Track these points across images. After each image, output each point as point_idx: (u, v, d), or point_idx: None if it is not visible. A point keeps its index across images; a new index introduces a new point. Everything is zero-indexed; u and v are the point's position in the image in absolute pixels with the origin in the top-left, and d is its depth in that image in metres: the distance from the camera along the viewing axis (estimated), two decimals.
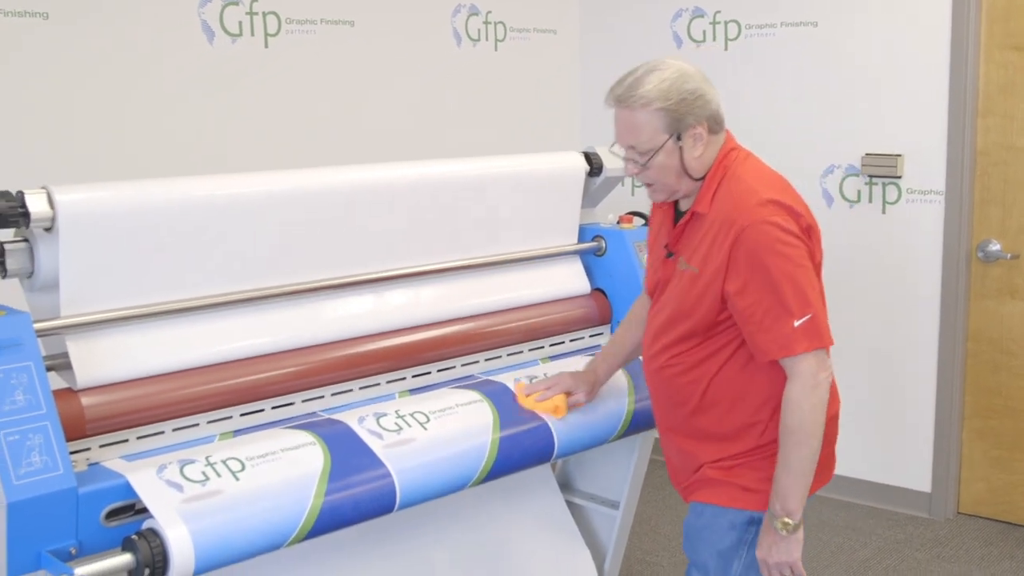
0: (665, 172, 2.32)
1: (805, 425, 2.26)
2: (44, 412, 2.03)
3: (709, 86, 2.33)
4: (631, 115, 2.30)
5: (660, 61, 2.32)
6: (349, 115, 4.29)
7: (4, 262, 2.20)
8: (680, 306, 2.37)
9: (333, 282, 2.65)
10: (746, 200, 2.27)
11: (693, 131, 2.29)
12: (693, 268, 2.33)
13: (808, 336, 2.25)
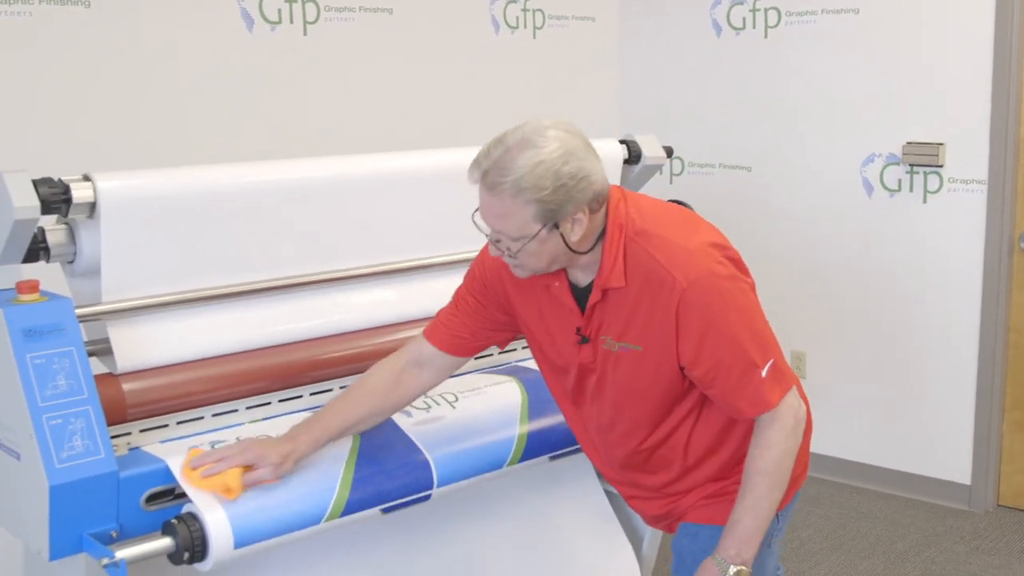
0: (536, 258, 2.03)
1: (782, 467, 2.10)
2: (86, 397, 2.05)
3: (594, 159, 1.99)
4: (497, 202, 1.97)
5: (538, 130, 1.97)
6: (387, 102, 4.29)
7: (47, 248, 2.22)
8: (633, 389, 2.15)
9: (372, 269, 2.65)
10: (672, 258, 2.02)
11: (572, 217, 1.98)
12: (633, 347, 2.09)
13: (776, 382, 2.08)
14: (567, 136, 1.96)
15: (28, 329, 2.03)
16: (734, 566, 2.10)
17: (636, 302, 2.06)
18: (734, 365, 2.05)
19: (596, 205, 2.01)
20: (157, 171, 2.35)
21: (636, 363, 2.11)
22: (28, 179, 2.09)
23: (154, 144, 3.59)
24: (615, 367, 2.14)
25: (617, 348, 2.11)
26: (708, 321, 2.02)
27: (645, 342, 2.08)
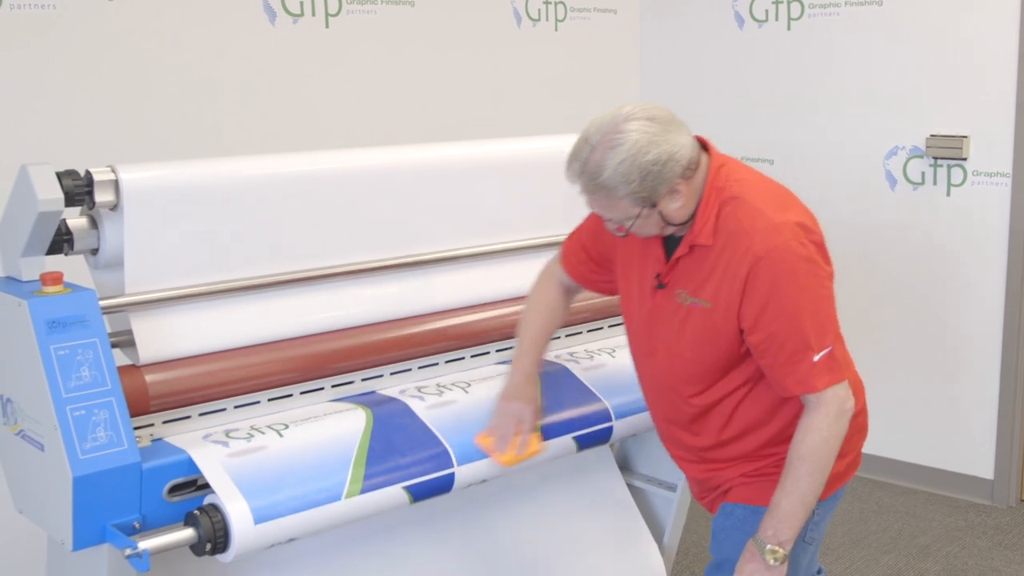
0: (648, 227, 2.17)
1: (820, 453, 2.14)
2: (109, 388, 2.06)
3: (675, 134, 2.10)
4: (595, 198, 2.14)
5: (616, 127, 2.07)
6: (409, 95, 4.29)
7: (70, 240, 2.23)
8: (696, 342, 2.22)
9: (394, 261, 2.65)
10: (756, 225, 2.11)
11: (667, 194, 2.11)
12: (703, 302, 2.18)
13: (828, 370, 2.13)
14: (645, 125, 2.07)
15: (52, 321, 2.04)
16: (770, 545, 2.15)
17: (716, 261, 2.15)
18: (788, 341, 2.11)
19: (689, 173, 2.13)
20: (180, 163, 2.36)
21: (702, 319, 2.19)
22: (52, 171, 2.10)
23: (176, 136, 3.60)
24: (682, 320, 2.23)
25: (689, 302, 2.20)
26: (773, 292, 2.09)
27: (715, 300, 2.16)
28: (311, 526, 2.18)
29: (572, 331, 2.98)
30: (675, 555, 3.36)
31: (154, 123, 3.56)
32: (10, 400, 2.18)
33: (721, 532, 2.36)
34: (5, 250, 2.23)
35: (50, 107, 3.33)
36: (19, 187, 2.12)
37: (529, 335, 2.52)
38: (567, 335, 2.96)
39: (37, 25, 3.28)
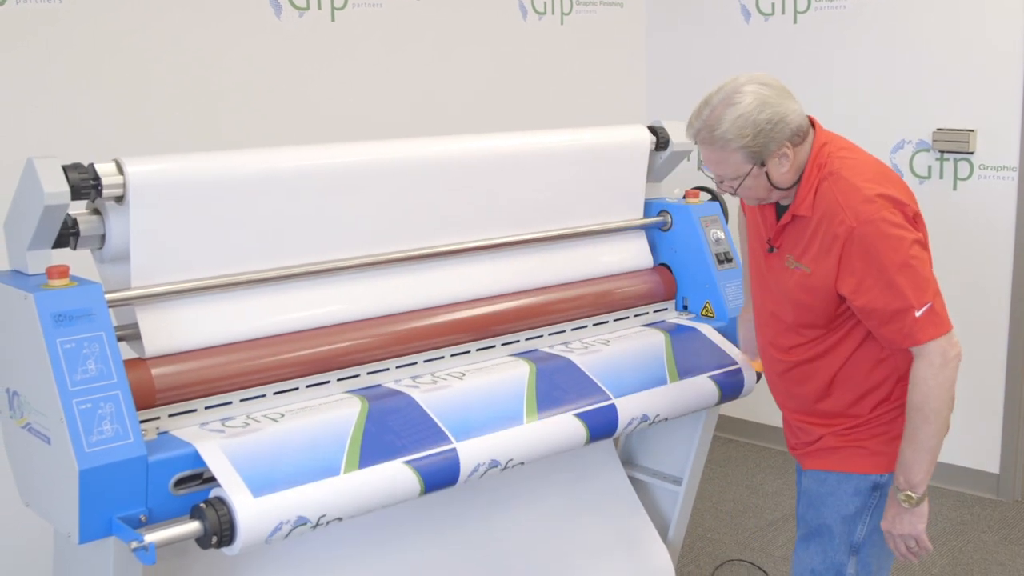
0: (755, 190, 2.36)
1: (931, 401, 2.28)
2: (115, 381, 2.06)
3: (787, 101, 2.32)
4: (712, 153, 2.33)
5: (735, 88, 2.29)
6: (414, 88, 4.29)
7: (76, 233, 2.23)
8: (796, 302, 2.41)
9: (398, 255, 2.66)
10: (851, 199, 2.28)
11: (776, 154, 2.30)
12: (804, 267, 2.37)
13: (932, 323, 2.28)
14: (761, 88, 2.29)
15: (58, 314, 2.05)
16: (901, 492, 2.36)
17: (815, 231, 2.33)
18: (890, 303, 2.27)
19: (798, 139, 2.32)
20: (186, 156, 2.36)
21: (803, 282, 2.38)
22: (58, 165, 2.11)
23: (181, 130, 3.60)
24: (787, 281, 2.42)
25: (794, 266, 2.40)
26: (869, 260, 2.27)
27: (815, 267, 2.35)
28: (313, 504, 2.17)
29: (578, 325, 2.98)
30: (680, 549, 3.37)
31: (159, 117, 3.56)
32: (16, 393, 2.18)
33: (816, 497, 2.52)
34: (11, 243, 2.24)
35: (55, 102, 3.33)
36: (25, 180, 2.12)
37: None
38: (572, 329, 2.96)
39: (43, 19, 3.28)
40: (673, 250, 3.18)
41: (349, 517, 2.23)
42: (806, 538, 2.55)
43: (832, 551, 2.49)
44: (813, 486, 2.53)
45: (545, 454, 2.56)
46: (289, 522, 2.13)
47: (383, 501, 2.28)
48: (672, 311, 3.19)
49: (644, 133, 3.11)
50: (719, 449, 5.09)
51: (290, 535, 2.14)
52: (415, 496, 2.33)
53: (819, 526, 2.51)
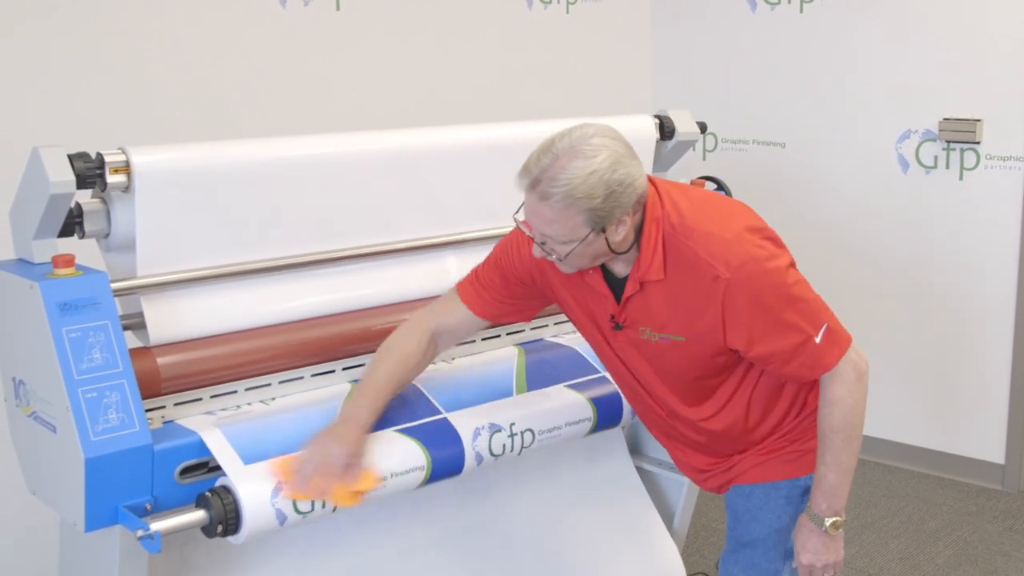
0: (583, 258, 2.09)
1: (853, 421, 2.16)
2: (121, 370, 2.07)
3: (636, 163, 2.03)
4: (545, 208, 2.01)
5: (584, 138, 2.00)
6: (420, 78, 4.28)
7: (82, 223, 2.23)
8: (677, 372, 2.22)
9: (403, 244, 2.66)
10: (713, 247, 2.06)
11: (619, 222, 2.03)
12: (677, 337, 2.14)
13: (834, 343, 2.14)
14: (613, 143, 2.01)
15: (64, 303, 2.05)
16: (828, 518, 2.21)
17: (676, 294, 2.11)
18: (787, 341, 2.10)
19: (638, 207, 2.07)
20: (192, 145, 2.36)
21: (677, 351, 2.17)
22: (64, 153, 2.11)
23: (186, 119, 3.60)
24: (655, 354, 2.21)
25: (657, 339, 2.17)
26: (755, 306, 2.07)
27: (688, 332, 2.13)
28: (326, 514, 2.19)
29: None
30: (685, 538, 3.37)
31: (163, 107, 3.56)
32: (23, 382, 2.19)
33: (746, 513, 2.38)
34: (17, 232, 2.24)
35: (58, 91, 3.32)
36: (31, 169, 2.12)
37: (372, 381, 2.31)
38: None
39: (40, 6, 3.27)
40: None
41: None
42: (735, 550, 2.41)
43: (765, 560, 2.36)
44: (739, 501, 2.38)
45: (548, 424, 2.56)
46: (294, 518, 2.15)
47: (394, 485, 2.29)
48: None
49: (649, 122, 3.10)
50: None
51: (296, 523, 2.15)
52: (423, 472, 2.32)
53: (750, 540, 2.37)
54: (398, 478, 2.28)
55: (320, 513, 2.18)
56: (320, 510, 2.17)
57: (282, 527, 2.13)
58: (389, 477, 2.26)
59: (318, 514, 2.18)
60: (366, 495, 2.20)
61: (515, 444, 2.49)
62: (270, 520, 2.10)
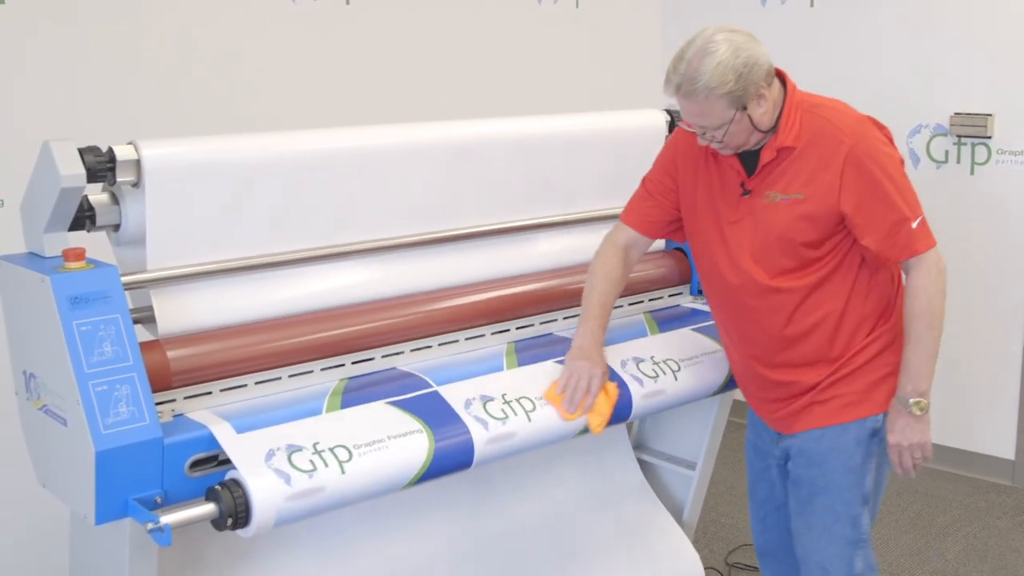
0: (737, 136, 2.39)
1: (934, 307, 2.42)
2: (131, 364, 2.07)
3: (756, 45, 2.37)
4: (694, 105, 2.36)
5: (707, 39, 2.34)
6: (429, 73, 4.28)
7: (92, 216, 2.23)
8: (781, 234, 2.43)
9: (412, 239, 2.66)
10: (843, 121, 2.40)
11: (755, 96, 2.35)
12: (796, 195, 2.40)
13: (926, 235, 2.42)
14: (731, 35, 2.35)
15: (74, 297, 2.05)
16: (912, 399, 2.44)
17: (804, 159, 2.41)
18: (888, 215, 2.38)
19: (769, 79, 2.38)
20: (202, 139, 2.36)
21: (793, 210, 2.41)
22: (74, 147, 2.11)
23: (196, 113, 3.60)
24: (771, 217, 2.44)
25: (779, 199, 2.43)
26: (867, 176, 2.37)
27: (807, 191, 2.40)
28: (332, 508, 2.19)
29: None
30: (694, 533, 3.37)
31: (172, 100, 3.56)
32: (33, 375, 2.19)
33: (816, 456, 2.53)
34: (28, 226, 2.24)
35: (69, 86, 3.33)
36: (41, 163, 2.12)
37: (592, 304, 2.66)
38: None
39: (55, 4, 3.28)
40: None
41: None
42: (810, 499, 2.55)
43: (843, 504, 2.53)
44: (810, 445, 2.54)
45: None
46: (281, 449, 2.15)
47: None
48: (687, 295, 3.18)
49: (660, 116, 3.10)
50: (732, 434, 5.07)
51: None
52: (423, 435, 2.30)
53: (825, 483, 2.53)
54: (397, 440, 2.27)
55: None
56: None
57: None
58: (386, 439, 2.26)
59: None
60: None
61: (514, 410, 2.46)
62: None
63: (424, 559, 2.75)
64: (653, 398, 2.68)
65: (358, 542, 2.63)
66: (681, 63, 2.35)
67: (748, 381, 2.66)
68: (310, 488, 2.12)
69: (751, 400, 2.69)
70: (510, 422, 2.42)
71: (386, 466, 2.23)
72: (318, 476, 2.13)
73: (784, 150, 2.42)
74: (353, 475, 2.18)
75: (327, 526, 2.61)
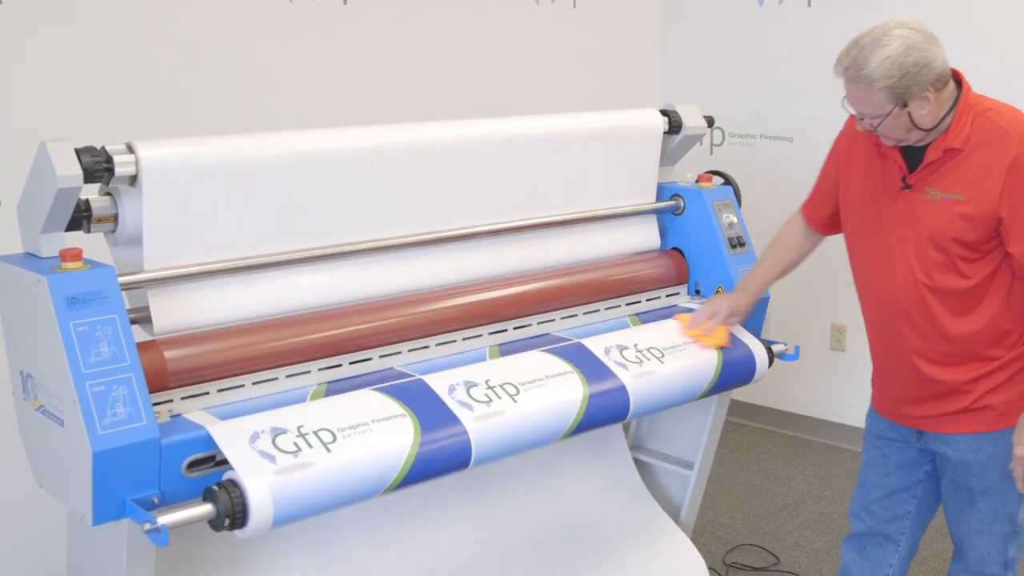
0: (894, 129, 2.46)
1: None
2: (128, 364, 2.07)
3: (934, 47, 2.42)
4: (857, 91, 2.44)
5: (885, 31, 2.40)
6: (427, 73, 4.28)
7: (89, 216, 2.23)
8: (936, 232, 2.49)
9: (408, 239, 2.66)
10: (1014, 128, 2.44)
11: (919, 98, 2.41)
12: (957, 196, 2.46)
13: None
14: (910, 33, 2.40)
15: (71, 297, 2.05)
16: None
17: (969, 161, 2.46)
18: None
19: (939, 84, 2.43)
20: (199, 139, 2.36)
21: (952, 210, 2.47)
22: (71, 148, 2.11)
23: (195, 114, 3.60)
24: (929, 214, 2.50)
25: (939, 198, 2.49)
26: None
27: (968, 192, 2.46)
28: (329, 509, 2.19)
29: (590, 309, 2.98)
30: (692, 533, 3.37)
31: (171, 101, 3.56)
32: (30, 376, 2.19)
33: (977, 467, 2.62)
34: (25, 226, 2.24)
35: (68, 85, 3.33)
36: (38, 163, 2.12)
37: (764, 263, 2.92)
38: (584, 313, 2.96)
39: (56, 3, 3.28)
40: (685, 234, 3.18)
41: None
42: (971, 502, 2.67)
43: (1003, 506, 2.64)
44: (968, 457, 2.62)
45: (527, 376, 2.55)
46: (265, 432, 2.15)
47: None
48: (684, 295, 3.18)
49: (656, 117, 3.10)
50: (730, 434, 5.08)
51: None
52: (407, 419, 2.31)
53: (984, 490, 2.63)
54: (381, 423, 2.27)
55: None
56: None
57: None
58: (370, 423, 2.26)
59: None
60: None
61: (498, 395, 2.47)
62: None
63: (422, 563, 2.75)
64: (643, 379, 2.68)
65: (357, 545, 2.63)
66: (854, 48, 2.44)
67: (895, 377, 2.70)
68: (296, 464, 2.12)
69: (887, 402, 2.76)
70: (495, 405, 2.43)
71: (374, 448, 2.23)
72: (303, 456, 2.14)
73: (951, 151, 2.47)
74: (340, 455, 2.18)
75: (326, 528, 2.61)
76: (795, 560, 3.92)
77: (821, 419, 5.07)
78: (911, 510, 2.82)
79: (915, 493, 2.81)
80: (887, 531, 2.84)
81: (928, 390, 2.63)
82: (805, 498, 4.44)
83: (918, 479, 2.79)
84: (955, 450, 2.64)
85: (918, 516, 2.84)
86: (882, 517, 2.84)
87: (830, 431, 5.04)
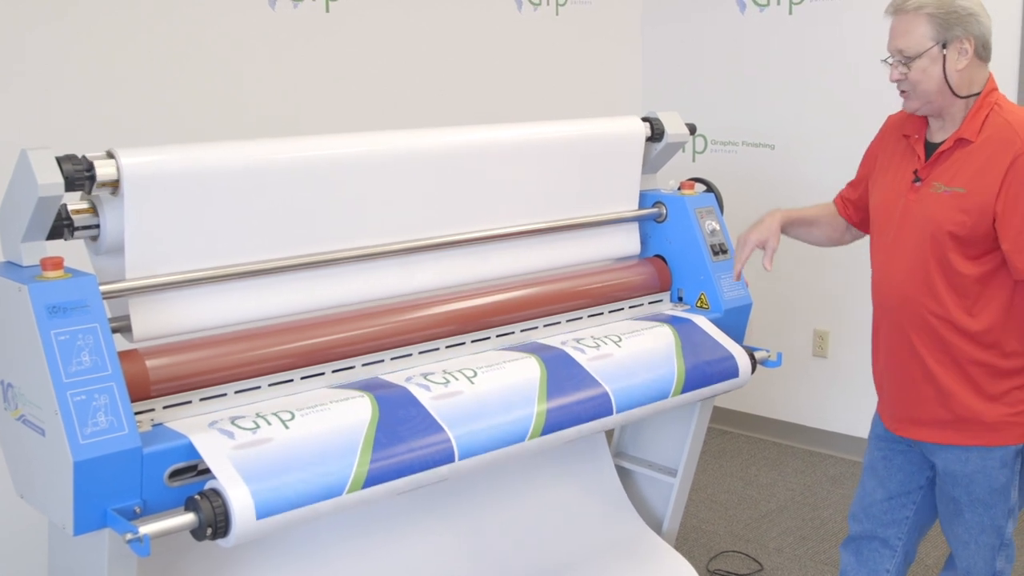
0: (927, 78, 2.49)
1: None
2: (110, 373, 2.06)
3: (984, 13, 2.48)
4: (903, 19, 2.49)
5: None
6: (409, 80, 4.28)
7: (70, 225, 2.22)
8: (938, 226, 2.50)
9: (392, 247, 2.65)
10: (1022, 124, 2.46)
11: (959, 44, 2.45)
12: (958, 189, 2.49)
13: None
14: None
15: (52, 306, 2.04)
16: None
17: (976, 155, 2.49)
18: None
19: (982, 50, 2.50)
20: (180, 147, 2.35)
21: (954, 203, 2.49)
22: (52, 156, 2.10)
23: (177, 121, 3.59)
24: (934, 207, 2.52)
25: (942, 191, 2.52)
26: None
27: (970, 185, 2.48)
28: (311, 517, 2.18)
29: (573, 316, 2.98)
30: (675, 540, 3.37)
31: (154, 108, 3.55)
32: (11, 385, 2.18)
33: (963, 477, 2.63)
34: (5, 235, 2.23)
35: (51, 92, 3.32)
36: (19, 172, 2.11)
37: (798, 210, 2.96)
38: (567, 320, 2.97)
39: (41, 7, 3.27)
40: (668, 241, 3.18)
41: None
42: (958, 512, 2.67)
43: (989, 519, 2.64)
44: (956, 467, 2.62)
45: (486, 362, 2.59)
46: (284, 528, 2.14)
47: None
48: (667, 303, 3.19)
49: (639, 124, 3.11)
50: (713, 441, 5.09)
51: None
52: (366, 399, 2.36)
53: (971, 502, 2.64)
54: (338, 404, 2.33)
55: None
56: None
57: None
58: (328, 403, 2.32)
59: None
60: None
61: (455, 377, 2.52)
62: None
63: (402, 574, 2.74)
64: (602, 360, 2.72)
65: (337, 553, 2.62)
66: None
67: (895, 382, 2.70)
68: (255, 440, 2.16)
69: (886, 408, 2.76)
70: (452, 385, 2.48)
71: (333, 422, 2.28)
72: (261, 433, 2.19)
73: (960, 141, 2.51)
74: (299, 430, 2.22)
75: (307, 537, 2.61)
76: (778, 566, 3.93)
77: (804, 425, 5.08)
78: (909, 515, 2.82)
79: (915, 499, 2.81)
80: (884, 535, 2.84)
81: (923, 394, 2.62)
82: (788, 504, 4.45)
83: (919, 485, 2.79)
84: (943, 460, 2.65)
85: (916, 522, 2.83)
86: (880, 521, 2.84)
87: (813, 437, 5.05)
